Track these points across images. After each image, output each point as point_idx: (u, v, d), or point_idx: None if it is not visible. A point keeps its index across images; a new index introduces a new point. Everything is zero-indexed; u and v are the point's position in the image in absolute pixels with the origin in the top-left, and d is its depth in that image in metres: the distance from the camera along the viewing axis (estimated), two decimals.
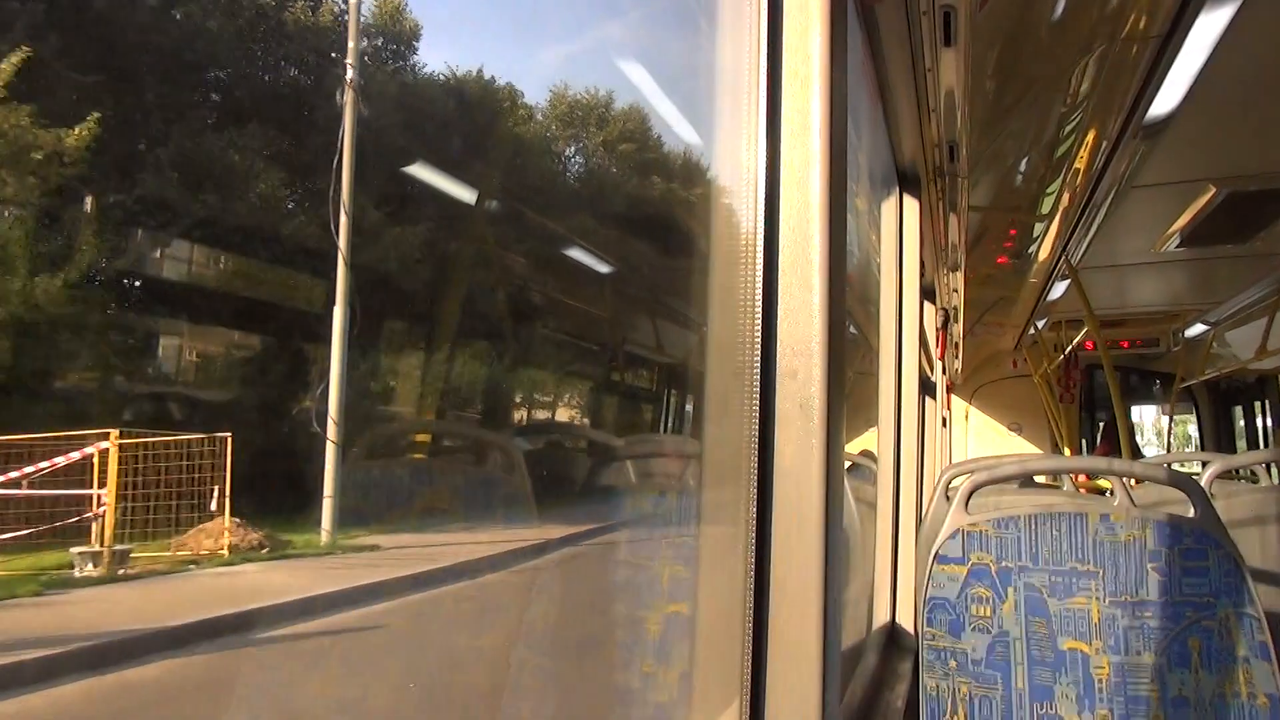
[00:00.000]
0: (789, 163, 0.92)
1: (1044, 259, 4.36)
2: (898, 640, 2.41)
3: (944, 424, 6.40)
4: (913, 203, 2.52)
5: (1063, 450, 7.52)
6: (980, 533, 1.92)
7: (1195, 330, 6.29)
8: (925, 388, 3.60)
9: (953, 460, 6.46)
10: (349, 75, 8.83)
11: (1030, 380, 7.90)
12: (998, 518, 1.92)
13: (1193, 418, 8.90)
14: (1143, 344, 6.81)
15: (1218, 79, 2.26)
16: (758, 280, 0.91)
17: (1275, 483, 5.16)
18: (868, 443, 3.17)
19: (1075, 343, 6.89)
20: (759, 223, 0.92)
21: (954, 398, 7.97)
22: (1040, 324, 6.53)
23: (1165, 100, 2.40)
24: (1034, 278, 4.86)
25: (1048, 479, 5.58)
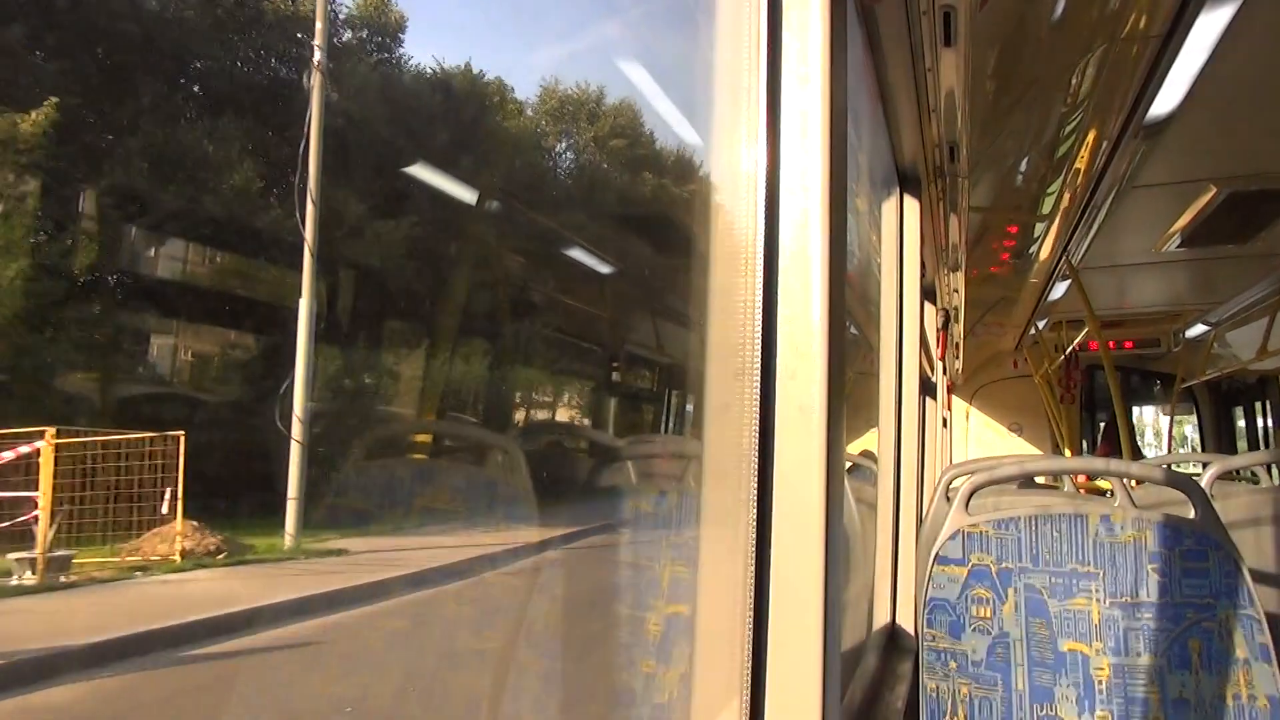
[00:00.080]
0: (789, 163, 0.92)
1: (1045, 259, 4.36)
2: (898, 641, 2.41)
3: (944, 424, 6.40)
4: (913, 203, 2.51)
5: (1063, 451, 7.52)
6: (980, 534, 1.92)
7: (1196, 330, 6.29)
8: (926, 388, 3.60)
9: (953, 461, 6.47)
10: (316, 58, 8.40)
11: (1031, 381, 7.89)
12: (998, 519, 1.92)
13: (1192, 418, 8.90)
14: (1143, 344, 6.80)
15: (1218, 79, 2.26)
16: (758, 281, 0.91)
17: (1276, 484, 5.15)
18: (868, 443, 3.17)
19: (1076, 343, 6.89)
20: (759, 223, 0.92)
21: (954, 398, 7.96)
22: (1041, 324, 6.53)
23: (1166, 100, 2.40)
24: (1035, 278, 4.85)
25: (1048, 480, 5.58)
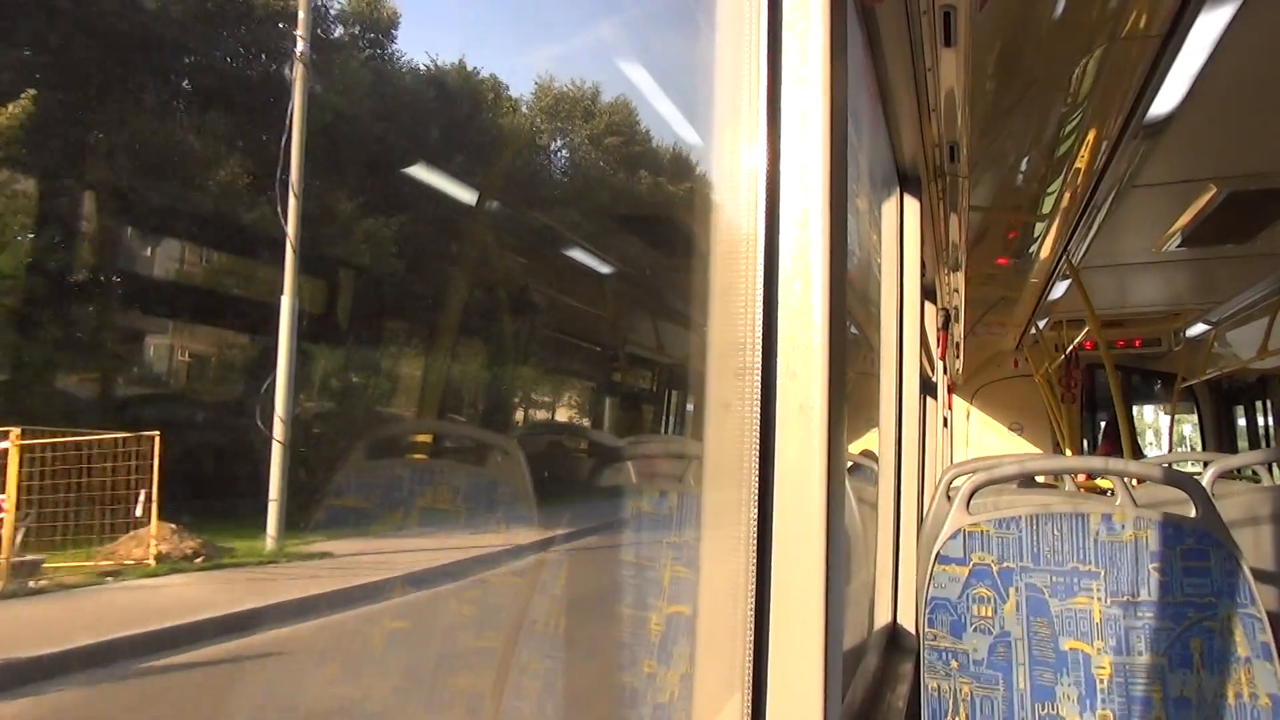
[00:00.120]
0: (790, 163, 0.92)
1: (1045, 259, 4.36)
2: (899, 641, 2.40)
3: (945, 424, 6.40)
4: (913, 203, 2.51)
5: (1064, 450, 7.52)
6: (981, 533, 1.92)
7: (1196, 330, 6.29)
8: (926, 388, 3.60)
9: (954, 460, 6.46)
10: (299, 49, 8.08)
11: (1031, 380, 7.89)
12: (999, 518, 1.92)
13: (1191, 418, 8.90)
14: (1144, 344, 6.80)
15: (1218, 78, 2.26)
16: (758, 281, 0.91)
17: (1277, 482, 5.15)
18: (869, 443, 3.17)
19: (1076, 342, 6.89)
20: (760, 223, 0.92)
21: (955, 398, 7.96)
22: (1041, 324, 6.53)
23: (1166, 100, 2.40)
24: (1035, 277, 4.85)
25: (1048, 479, 5.58)
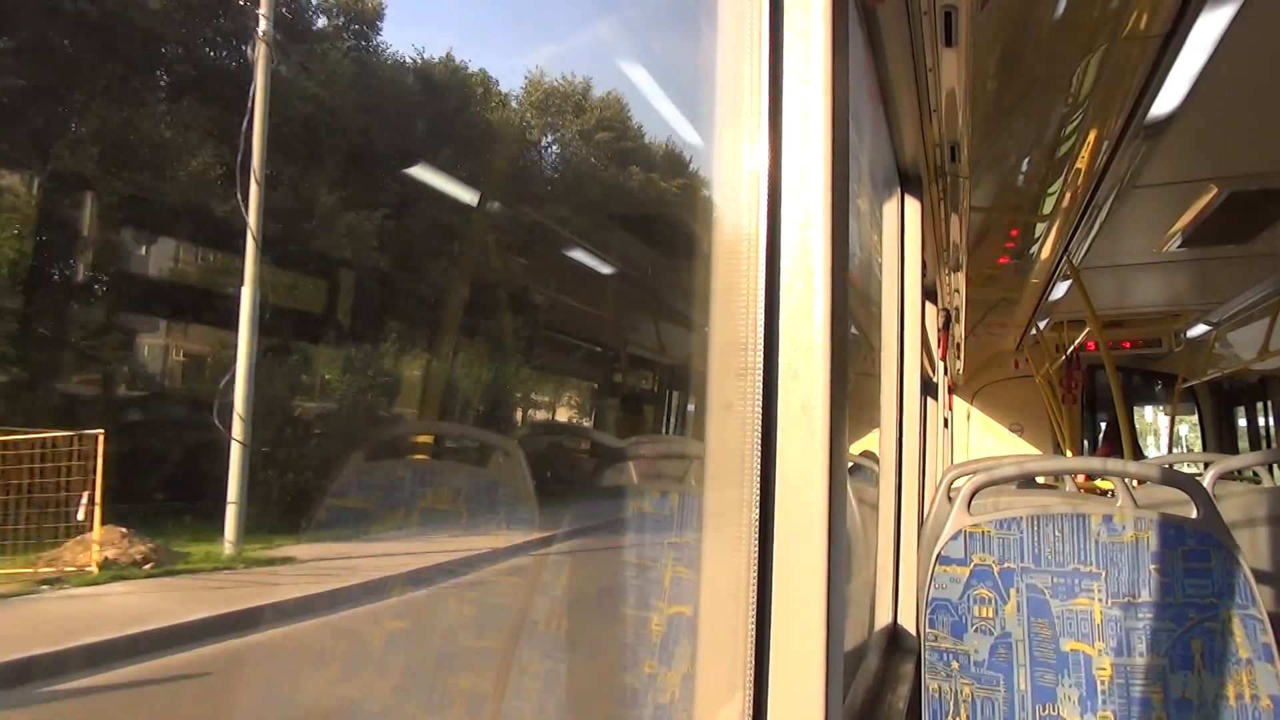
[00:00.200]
0: (791, 162, 0.92)
1: (1045, 259, 4.36)
2: (900, 641, 2.40)
3: (945, 425, 6.40)
4: (914, 203, 2.51)
5: (1064, 451, 7.51)
6: (982, 534, 1.91)
7: (1197, 330, 6.28)
8: (927, 388, 3.60)
9: (954, 461, 6.46)
10: (261, 28, 7.57)
11: (1032, 381, 7.89)
12: (1000, 519, 1.92)
13: (1191, 418, 8.89)
14: (1144, 344, 6.80)
15: (1219, 78, 2.26)
16: (760, 281, 0.91)
17: (1277, 484, 5.14)
18: (869, 443, 3.17)
19: (1077, 343, 6.89)
20: (761, 222, 0.92)
21: (956, 398, 7.96)
22: (1042, 324, 6.53)
23: (1167, 100, 2.40)
24: (1035, 278, 4.85)
25: (1049, 480, 5.57)
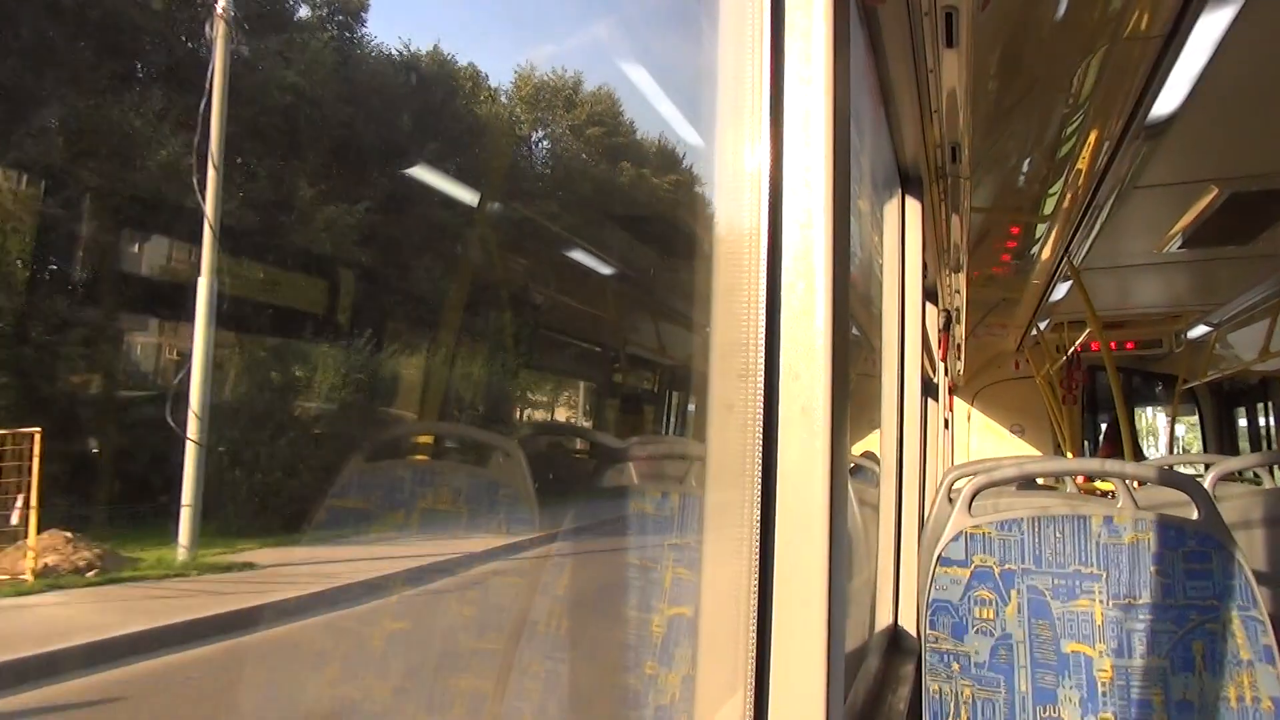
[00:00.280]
0: (792, 163, 0.92)
1: (1046, 260, 4.36)
2: (900, 642, 2.40)
3: (946, 426, 6.40)
4: (915, 204, 2.51)
5: (1065, 452, 7.51)
6: (983, 535, 1.91)
7: (1198, 331, 6.28)
8: (927, 389, 3.59)
9: (955, 462, 6.46)
10: (220, 4, 7.14)
11: (1032, 382, 7.89)
12: (1000, 520, 1.92)
13: (1190, 419, 8.88)
14: (1145, 345, 6.80)
15: (1220, 79, 2.26)
16: (761, 281, 0.91)
17: (1278, 484, 5.14)
18: (870, 444, 3.17)
19: (1078, 344, 6.89)
20: (763, 223, 0.92)
21: (956, 399, 7.96)
22: (1042, 325, 6.53)
23: (1167, 100, 2.40)
24: (1036, 279, 4.85)
25: (1049, 481, 5.57)
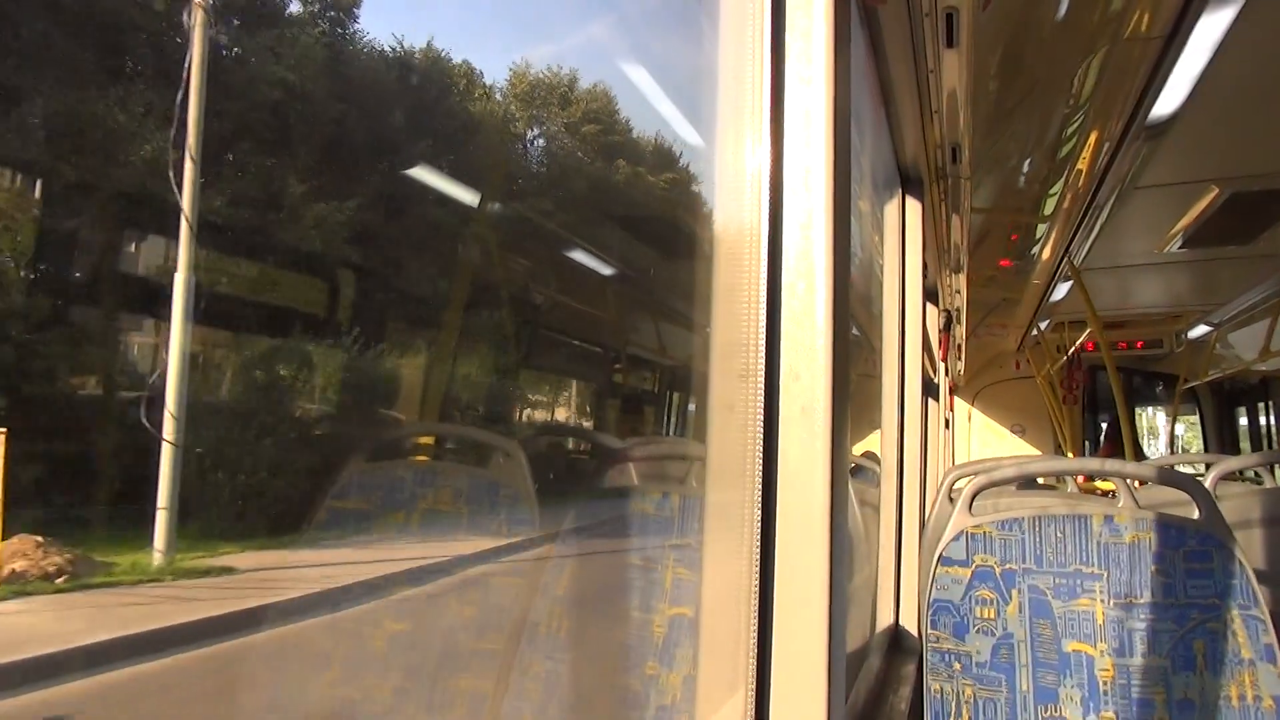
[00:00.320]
0: (793, 163, 0.92)
1: (1046, 260, 4.36)
2: (901, 642, 2.40)
3: (947, 426, 6.40)
4: (915, 204, 2.51)
5: (1065, 452, 7.51)
6: (984, 534, 1.91)
7: (1198, 331, 6.28)
8: (928, 389, 3.59)
9: (956, 462, 6.46)
10: None
11: (1033, 382, 7.89)
12: (1001, 520, 1.92)
13: (1190, 419, 8.88)
14: (1146, 345, 6.80)
15: (1220, 79, 2.26)
16: (762, 282, 0.91)
17: (1279, 484, 5.14)
18: (871, 444, 3.17)
19: (1078, 344, 6.89)
20: (763, 224, 0.92)
21: (957, 399, 7.96)
22: (1043, 325, 6.53)
23: (1168, 101, 2.40)
24: (1037, 279, 4.85)
25: (1049, 480, 5.57)
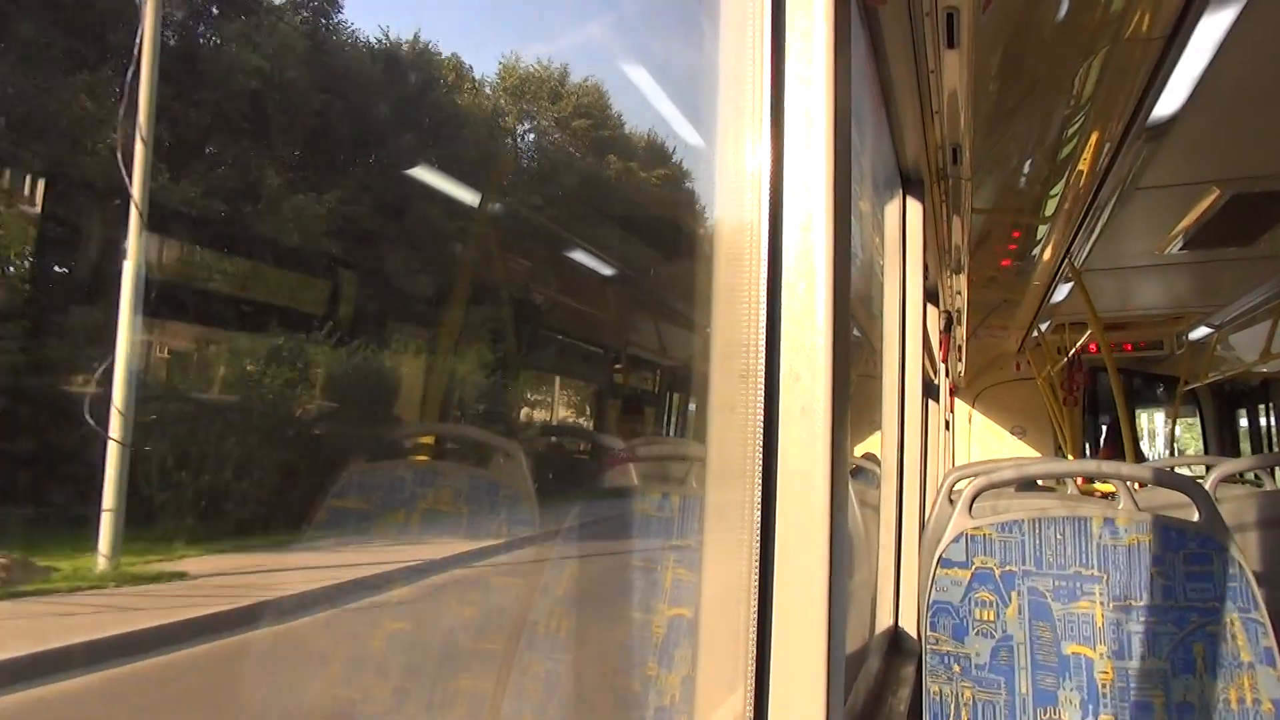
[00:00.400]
0: (793, 164, 0.92)
1: (1047, 261, 4.36)
2: (901, 644, 2.40)
3: (947, 427, 6.39)
4: (916, 205, 2.51)
5: (1066, 454, 7.51)
6: (984, 536, 1.91)
7: (1199, 333, 6.28)
8: (928, 391, 3.59)
9: (956, 464, 6.46)
10: None
11: (1034, 383, 7.89)
12: (1001, 521, 1.91)
13: (1185, 420, 8.87)
14: (1146, 347, 6.80)
15: (1221, 80, 2.25)
16: (762, 282, 0.91)
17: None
18: (871, 446, 3.17)
19: (1079, 345, 6.89)
20: (763, 225, 0.92)
21: (957, 401, 7.96)
22: (1043, 327, 6.52)
23: (1169, 102, 2.40)
24: (1037, 280, 4.85)
25: (1052, 482, 5.57)
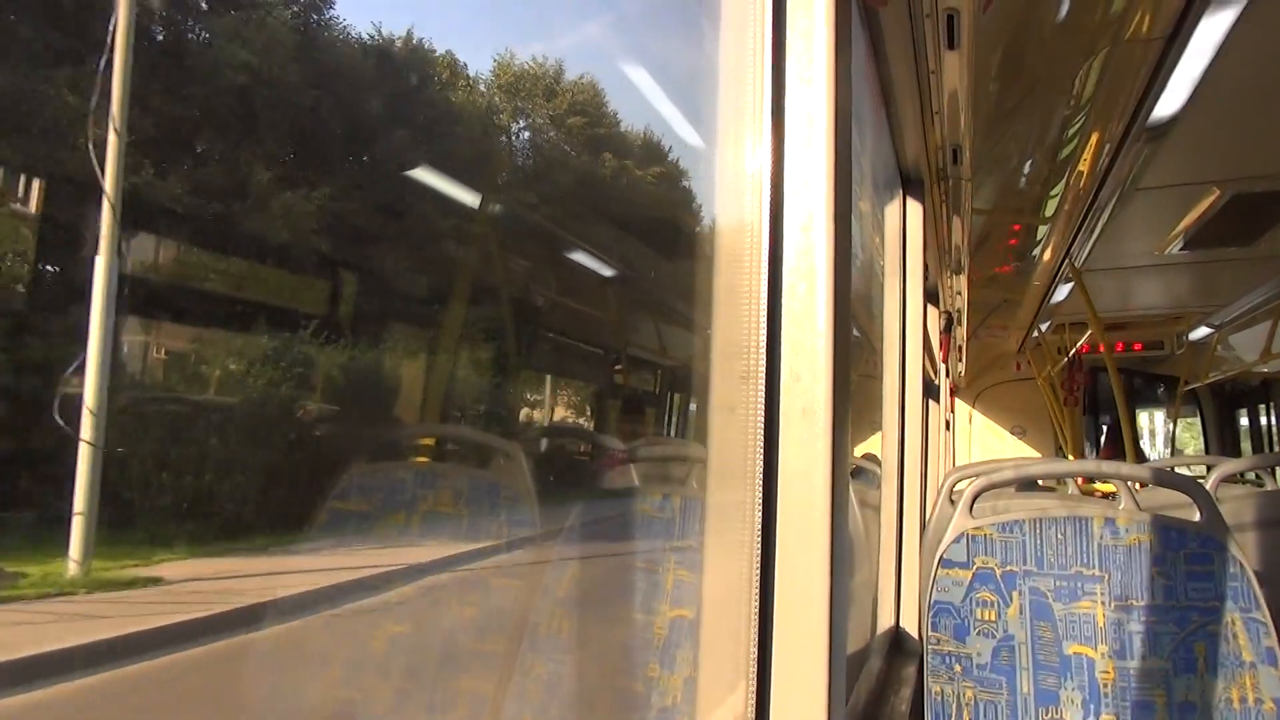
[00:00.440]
0: (794, 164, 0.92)
1: (1047, 261, 4.36)
2: (902, 644, 2.40)
3: (947, 427, 6.39)
4: (916, 205, 2.51)
5: (1066, 454, 7.51)
6: (985, 536, 1.91)
7: (1200, 333, 6.28)
8: (929, 391, 3.59)
9: (956, 464, 6.46)
10: None
11: (1034, 383, 7.89)
12: (1002, 521, 1.92)
13: (1185, 420, 8.87)
14: (1147, 347, 6.80)
15: (1222, 81, 2.26)
16: (763, 283, 0.91)
17: None
18: (871, 446, 3.17)
19: (1079, 346, 6.89)
20: (764, 225, 0.92)
21: (957, 401, 7.95)
22: (1044, 327, 6.52)
23: (1169, 102, 2.40)
24: (1038, 280, 4.85)
25: (1053, 482, 5.57)
